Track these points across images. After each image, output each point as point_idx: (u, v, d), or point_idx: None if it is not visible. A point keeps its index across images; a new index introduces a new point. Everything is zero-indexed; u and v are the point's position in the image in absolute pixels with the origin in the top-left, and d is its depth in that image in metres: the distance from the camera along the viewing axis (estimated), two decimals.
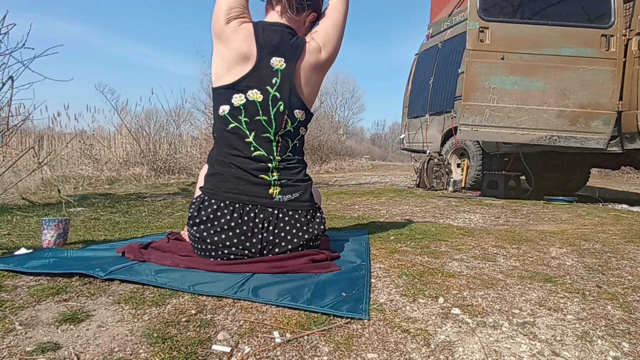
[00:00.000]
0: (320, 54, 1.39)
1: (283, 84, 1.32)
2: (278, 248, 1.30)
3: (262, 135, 1.31)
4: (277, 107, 1.32)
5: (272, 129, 1.31)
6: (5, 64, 2.48)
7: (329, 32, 1.41)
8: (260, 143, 1.30)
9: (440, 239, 1.84)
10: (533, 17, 3.87)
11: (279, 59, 1.32)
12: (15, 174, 4.65)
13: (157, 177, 6.82)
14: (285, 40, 1.34)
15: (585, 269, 1.42)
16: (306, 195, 1.36)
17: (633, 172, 10.34)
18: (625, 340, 0.87)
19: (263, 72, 1.30)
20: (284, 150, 1.34)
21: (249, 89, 1.30)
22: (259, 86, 1.30)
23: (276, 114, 1.32)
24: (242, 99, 1.29)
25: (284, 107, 1.32)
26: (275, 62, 1.31)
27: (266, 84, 1.30)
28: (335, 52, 1.43)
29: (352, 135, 27.44)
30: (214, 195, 1.29)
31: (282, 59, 1.32)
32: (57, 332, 0.82)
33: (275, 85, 1.31)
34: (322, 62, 1.40)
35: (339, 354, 0.77)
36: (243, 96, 1.30)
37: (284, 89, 1.32)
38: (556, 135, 3.52)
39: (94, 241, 1.70)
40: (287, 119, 1.33)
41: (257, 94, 1.30)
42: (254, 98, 1.30)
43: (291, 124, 1.35)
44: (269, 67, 1.31)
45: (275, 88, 1.31)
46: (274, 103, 1.31)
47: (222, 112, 1.31)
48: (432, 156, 5.33)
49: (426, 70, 6.00)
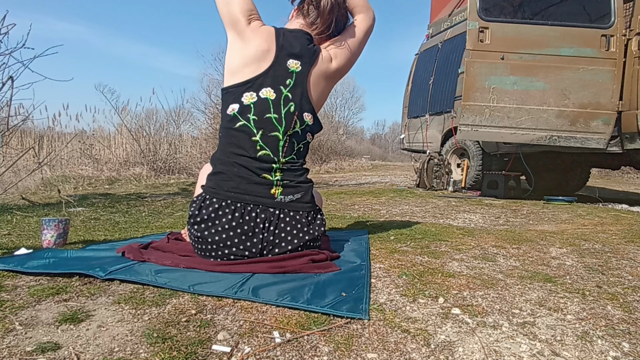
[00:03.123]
0: (331, 64, 1.42)
1: (296, 85, 1.35)
2: (278, 248, 1.31)
3: (270, 134, 1.31)
4: (288, 107, 1.33)
5: (282, 128, 1.33)
6: (5, 64, 2.49)
7: (344, 45, 1.45)
8: (267, 142, 1.31)
9: (440, 239, 1.84)
10: (533, 17, 3.88)
11: (295, 62, 1.35)
12: (15, 174, 4.65)
13: (157, 177, 6.83)
14: (304, 46, 1.37)
15: (585, 269, 1.42)
16: (307, 197, 1.37)
17: (633, 172, 10.34)
18: (625, 340, 0.87)
19: (278, 71, 1.33)
20: (289, 151, 1.35)
21: (263, 87, 1.31)
22: (273, 85, 1.32)
23: (286, 114, 1.33)
24: (253, 97, 1.31)
25: (294, 108, 1.34)
26: (291, 64, 1.34)
27: (280, 83, 1.33)
28: (345, 65, 1.46)
29: (352, 135, 27.43)
30: (215, 194, 1.30)
31: (299, 62, 1.35)
32: (57, 332, 0.82)
33: (288, 86, 1.34)
34: (331, 71, 1.43)
35: (339, 354, 0.77)
36: (255, 94, 1.31)
37: (296, 90, 1.34)
38: (556, 135, 3.52)
39: (94, 241, 1.70)
40: (296, 120, 1.35)
41: (270, 92, 1.31)
42: (267, 96, 1.31)
43: (299, 126, 1.36)
44: (285, 67, 1.34)
45: (289, 89, 1.34)
46: (286, 103, 1.33)
47: (232, 111, 1.31)
48: (432, 156, 5.33)
49: (426, 70, 6.00)
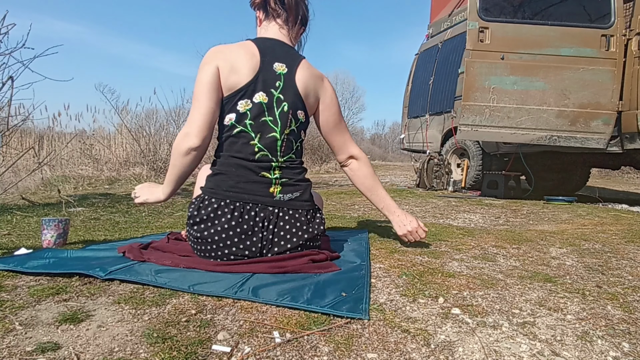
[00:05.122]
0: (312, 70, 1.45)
1: (286, 86, 1.37)
2: (277, 247, 1.31)
3: (268, 135, 1.33)
4: (281, 108, 1.35)
5: (278, 128, 1.35)
6: (5, 64, 2.49)
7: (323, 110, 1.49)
8: (265, 144, 1.33)
9: (440, 239, 1.84)
10: (533, 17, 3.88)
11: (280, 64, 1.37)
12: (15, 174, 4.65)
13: (157, 177, 6.82)
14: (284, 50, 1.41)
15: (585, 269, 1.42)
16: (306, 195, 1.37)
17: (633, 172, 10.35)
18: (625, 340, 0.87)
19: (267, 75, 1.35)
20: (287, 150, 1.37)
21: (255, 92, 1.33)
22: (264, 89, 1.34)
23: (281, 114, 1.35)
24: (248, 104, 1.32)
25: (287, 108, 1.36)
26: (277, 67, 1.37)
27: (271, 86, 1.35)
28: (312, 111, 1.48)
29: (352, 135, 27.36)
30: (214, 194, 1.30)
31: (284, 64, 1.38)
32: (57, 332, 0.82)
33: (279, 88, 1.36)
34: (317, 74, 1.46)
35: (339, 354, 0.77)
36: (249, 101, 1.33)
37: (287, 90, 1.37)
38: (556, 135, 3.52)
39: (94, 241, 1.70)
40: (291, 119, 1.37)
41: (263, 96, 1.33)
42: (260, 100, 1.33)
43: (295, 124, 1.39)
44: (272, 71, 1.36)
45: (279, 90, 1.36)
46: (279, 104, 1.35)
47: (229, 120, 1.33)
48: (432, 156, 5.33)
49: (426, 70, 6.00)
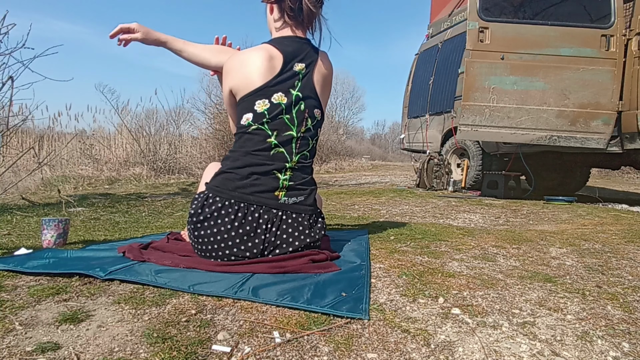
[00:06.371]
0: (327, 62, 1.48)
1: (304, 85, 1.38)
2: (279, 249, 1.31)
3: (285, 133, 1.34)
4: (298, 106, 1.37)
5: (295, 127, 1.36)
6: (5, 64, 2.49)
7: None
8: (281, 141, 1.34)
9: (440, 239, 1.84)
10: (533, 17, 3.88)
11: (300, 64, 1.39)
12: (15, 174, 4.65)
13: (157, 177, 6.83)
14: (304, 48, 1.42)
15: (585, 269, 1.42)
16: (310, 200, 1.38)
17: (633, 172, 10.34)
18: (625, 340, 0.87)
19: (286, 75, 1.36)
20: (302, 148, 1.38)
21: (274, 92, 1.34)
22: (283, 89, 1.35)
23: (297, 112, 1.36)
24: (266, 104, 1.33)
25: (304, 106, 1.38)
26: (297, 66, 1.38)
27: (289, 86, 1.36)
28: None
29: (352, 135, 27.46)
30: (219, 193, 1.30)
31: (303, 63, 1.39)
32: (57, 332, 0.82)
33: (297, 87, 1.37)
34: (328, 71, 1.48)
35: (339, 354, 0.77)
36: (267, 101, 1.34)
37: (304, 89, 1.38)
38: (556, 135, 3.52)
39: (94, 241, 1.70)
40: (307, 117, 1.38)
41: (281, 96, 1.34)
42: (279, 100, 1.34)
43: (311, 122, 1.40)
44: (291, 71, 1.37)
45: (298, 89, 1.37)
46: (296, 103, 1.37)
47: (246, 120, 1.34)
48: (432, 156, 5.33)
49: (426, 70, 6.00)
